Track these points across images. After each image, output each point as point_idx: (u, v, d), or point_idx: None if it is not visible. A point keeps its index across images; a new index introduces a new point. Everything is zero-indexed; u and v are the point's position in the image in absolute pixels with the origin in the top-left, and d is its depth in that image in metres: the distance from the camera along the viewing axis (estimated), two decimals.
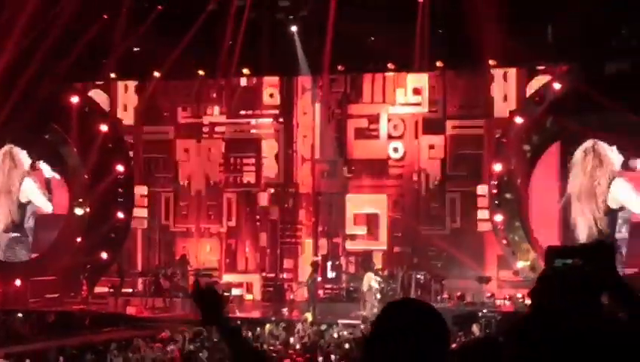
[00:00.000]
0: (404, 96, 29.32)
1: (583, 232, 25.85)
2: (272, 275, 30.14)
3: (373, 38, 27.57)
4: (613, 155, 25.85)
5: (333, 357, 19.05)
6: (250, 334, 22.50)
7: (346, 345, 20.69)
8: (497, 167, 27.07)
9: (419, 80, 28.91)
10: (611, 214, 25.88)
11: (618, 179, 25.83)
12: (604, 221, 25.75)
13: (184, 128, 31.36)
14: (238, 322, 24.52)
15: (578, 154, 26.13)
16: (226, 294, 28.65)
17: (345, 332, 22.75)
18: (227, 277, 30.23)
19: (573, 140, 26.53)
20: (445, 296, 26.84)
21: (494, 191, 27.23)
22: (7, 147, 30.27)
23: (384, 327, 3.60)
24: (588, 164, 25.98)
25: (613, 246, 3.99)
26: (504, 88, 28.04)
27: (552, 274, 3.89)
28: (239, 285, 29.92)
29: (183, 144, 31.34)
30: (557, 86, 26.49)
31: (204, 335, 22.62)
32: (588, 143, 26.00)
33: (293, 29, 28.99)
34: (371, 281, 25.77)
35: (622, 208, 25.93)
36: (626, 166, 25.84)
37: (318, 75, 29.40)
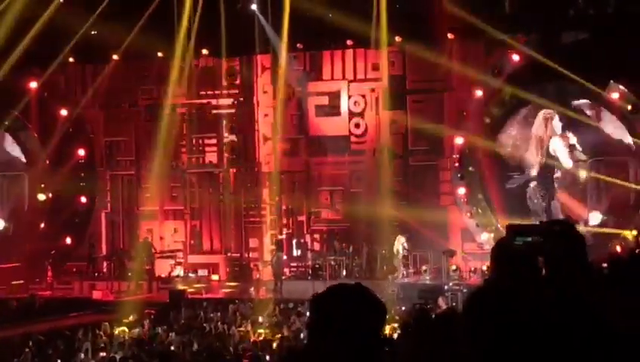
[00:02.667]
0: (364, 72, 29.35)
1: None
2: (238, 255, 30.14)
3: (331, 15, 27.51)
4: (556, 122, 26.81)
5: (302, 335, 19.11)
6: (218, 314, 22.56)
7: None
8: (459, 141, 27.18)
9: (378, 55, 28.90)
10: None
11: (555, 138, 26.62)
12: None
13: (144, 110, 31.23)
14: (204, 303, 24.58)
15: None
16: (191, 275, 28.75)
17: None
18: (192, 258, 30.22)
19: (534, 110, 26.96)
20: (411, 269, 26.97)
21: (456, 164, 27.36)
22: None
23: (321, 317, 3.63)
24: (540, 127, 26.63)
25: (573, 226, 4.06)
26: (463, 61, 28.09)
27: (505, 251, 3.94)
28: (205, 266, 29.92)
29: (144, 126, 31.21)
30: (515, 57, 26.62)
31: (170, 317, 22.67)
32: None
33: (253, 7, 28.89)
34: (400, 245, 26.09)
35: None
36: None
37: (277, 54, 29.31)
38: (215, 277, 29.57)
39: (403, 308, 21.58)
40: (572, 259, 4.05)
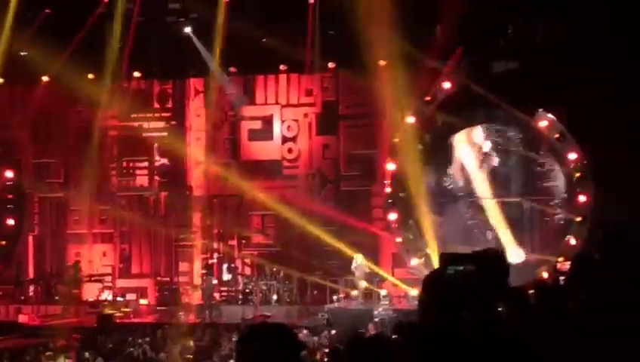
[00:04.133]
0: (297, 97, 29.42)
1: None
2: (167, 279, 29.93)
3: (265, 40, 27.57)
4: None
5: (231, 361, 19.00)
6: (147, 339, 22.33)
7: None
8: (390, 166, 27.31)
9: (311, 81, 29.02)
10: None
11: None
12: None
13: (74, 132, 30.92)
14: (133, 328, 24.34)
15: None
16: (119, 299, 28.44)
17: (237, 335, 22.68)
18: (121, 282, 29.95)
19: None
20: (341, 295, 26.99)
21: (388, 190, 27.48)
22: None
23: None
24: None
25: (504, 254, 4.10)
26: (395, 88, 28.28)
27: (438, 282, 3.96)
28: (134, 290, 29.66)
29: (73, 148, 30.90)
30: (447, 85, 26.87)
31: (98, 341, 22.40)
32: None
33: (187, 30, 28.84)
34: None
35: None
36: None
37: (210, 77, 29.26)
38: (144, 301, 29.32)
39: (333, 333, 21.56)
40: (498, 288, 4.08)
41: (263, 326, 4.18)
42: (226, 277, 28.99)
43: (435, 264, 24.77)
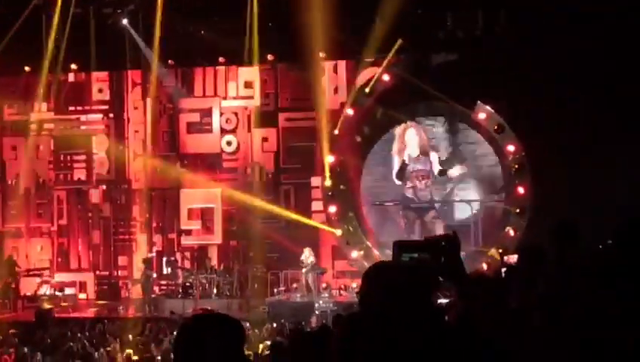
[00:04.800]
0: (236, 89, 29.32)
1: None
2: (107, 273, 29.73)
3: (203, 32, 27.43)
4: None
5: (172, 355, 18.88)
6: (87, 334, 22.12)
7: None
8: (330, 159, 27.32)
9: (250, 73, 28.94)
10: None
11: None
12: None
13: (11, 126, 30.56)
14: (72, 323, 24.10)
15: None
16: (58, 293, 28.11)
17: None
18: (60, 277, 29.64)
19: None
20: (282, 288, 26.98)
21: (327, 182, 27.48)
22: None
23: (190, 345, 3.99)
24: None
25: (458, 240, 4.09)
26: (335, 80, 28.38)
27: (391, 270, 3.94)
28: (72, 284, 29.40)
29: (10, 142, 30.57)
30: (386, 77, 26.94)
31: (37, 336, 22.13)
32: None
33: (124, 22, 28.61)
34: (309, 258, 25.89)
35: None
36: None
37: (148, 70, 29.06)
38: (83, 295, 29.08)
39: (274, 326, 21.53)
40: (453, 271, 4.08)
41: (206, 316, 4.13)
42: (166, 270, 28.85)
43: (374, 257, 24.92)
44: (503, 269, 15.23)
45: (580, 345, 4.66)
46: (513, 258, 18.62)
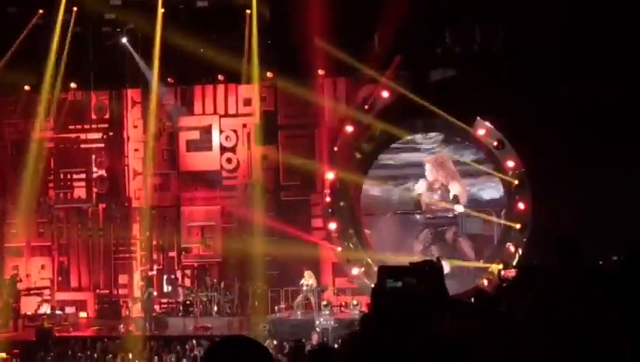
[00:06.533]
0: (236, 107, 29.34)
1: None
2: (107, 292, 29.66)
3: (202, 50, 27.47)
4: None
5: None
6: (88, 353, 22.13)
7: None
8: (330, 176, 27.34)
9: (249, 91, 28.97)
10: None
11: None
12: None
13: (11, 145, 30.58)
14: (72, 342, 24.07)
15: None
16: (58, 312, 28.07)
17: (179, 347, 22.58)
18: (60, 295, 29.60)
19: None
20: (282, 305, 26.93)
21: (327, 199, 27.50)
22: None
23: None
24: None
25: (441, 266, 4.12)
26: (334, 97, 28.39)
27: (382, 299, 3.96)
28: (73, 303, 29.34)
29: (10, 160, 30.55)
30: (385, 94, 26.98)
31: (38, 356, 22.13)
32: None
33: (124, 40, 28.69)
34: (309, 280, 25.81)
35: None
36: None
37: (147, 88, 29.09)
38: (83, 314, 29.04)
39: (275, 343, 21.51)
40: (439, 297, 4.10)
41: (233, 340, 4.07)
42: (166, 288, 28.82)
43: (374, 274, 24.88)
44: (504, 284, 15.24)
45: (571, 352, 4.66)
46: (511, 272, 18.62)
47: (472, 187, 27.28)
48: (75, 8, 28.07)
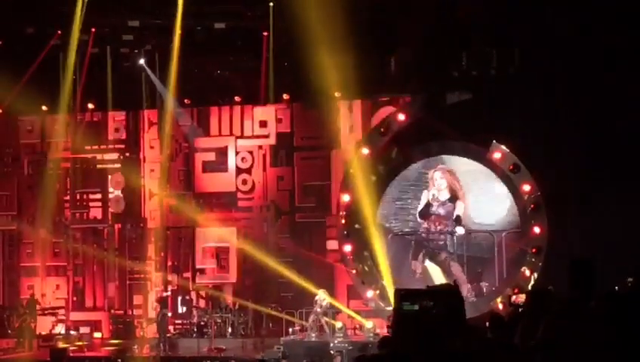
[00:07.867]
0: (252, 128, 29.40)
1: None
2: (121, 312, 29.66)
3: (219, 72, 27.57)
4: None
5: None
6: None
7: None
8: (345, 198, 27.32)
9: (266, 112, 29.05)
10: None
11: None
12: None
13: (28, 164, 30.70)
14: None
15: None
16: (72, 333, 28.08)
17: None
18: (75, 316, 29.63)
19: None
20: (297, 327, 26.87)
21: (343, 221, 27.47)
22: None
23: None
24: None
25: (459, 290, 4.12)
26: (350, 119, 28.39)
27: (401, 321, 3.96)
28: (87, 323, 29.36)
29: (27, 180, 30.67)
30: (401, 117, 26.99)
31: None
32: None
33: (141, 61, 28.82)
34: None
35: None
36: None
37: (164, 109, 29.18)
38: (98, 334, 29.02)
39: None
40: (455, 321, 4.10)
41: None
42: (181, 309, 28.81)
43: (391, 296, 24.80)
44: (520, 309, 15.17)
45: None
46: (521, 297, 18.52)
47: (479, 208, 27.16)
48: (92, 29, 28.22)
